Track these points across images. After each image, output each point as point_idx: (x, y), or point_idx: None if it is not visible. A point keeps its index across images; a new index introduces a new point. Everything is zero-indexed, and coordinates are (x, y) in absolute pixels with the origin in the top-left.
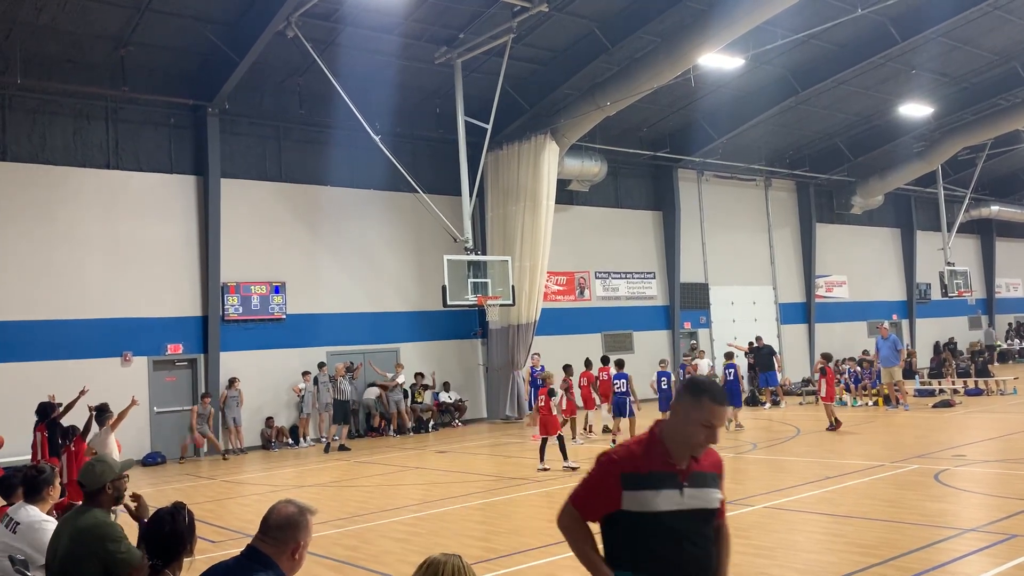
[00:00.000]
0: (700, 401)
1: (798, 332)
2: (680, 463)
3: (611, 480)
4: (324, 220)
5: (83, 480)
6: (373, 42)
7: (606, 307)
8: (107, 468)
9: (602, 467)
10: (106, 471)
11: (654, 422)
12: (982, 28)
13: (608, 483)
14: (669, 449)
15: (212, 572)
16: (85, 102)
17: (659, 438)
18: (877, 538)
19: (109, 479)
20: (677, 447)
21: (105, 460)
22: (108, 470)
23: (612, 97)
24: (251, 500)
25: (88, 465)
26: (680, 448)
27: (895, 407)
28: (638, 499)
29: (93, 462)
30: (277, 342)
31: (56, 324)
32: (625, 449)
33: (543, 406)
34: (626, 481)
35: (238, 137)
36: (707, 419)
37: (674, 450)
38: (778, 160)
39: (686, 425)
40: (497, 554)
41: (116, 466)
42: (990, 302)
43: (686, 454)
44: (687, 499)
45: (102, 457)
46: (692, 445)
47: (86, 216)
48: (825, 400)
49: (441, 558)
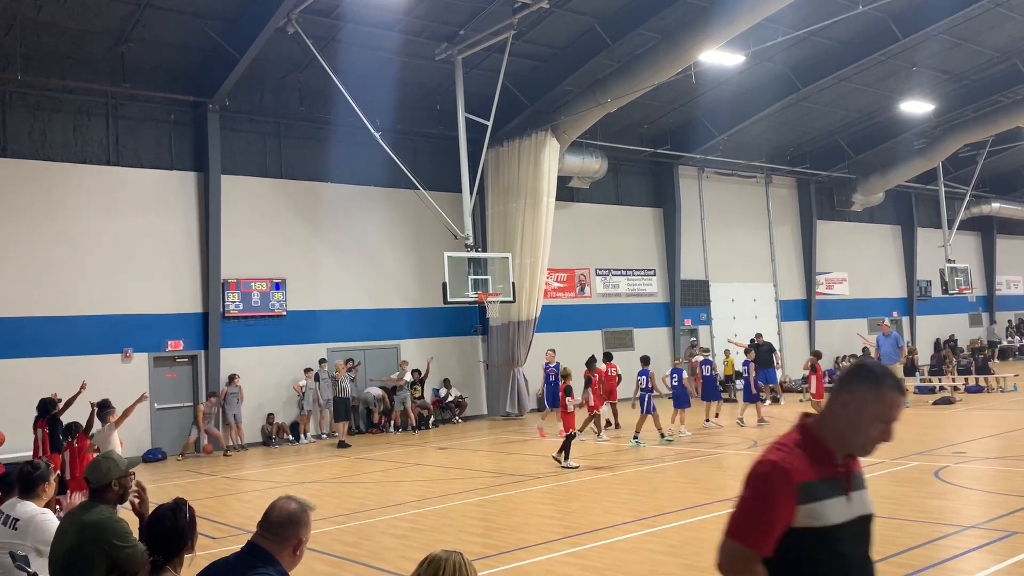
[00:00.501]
0: (880, 392)
1: (798, 329)
2: (841, 464)
3: (786, 494)
4: (324, 216)
5: (89, 476)
6: (373, 38)
7: (606, 304)
8: (113, 465)
9: (771, 480)
10: (112, 468)
11: (801, 417)
12: (983, 25)
13: (783, 499)
14: (831, 449)
15: (213, 568)
16: (85, 98)
17: (817, 436)
18: (877, 535)
19: (115, 476)
20: (841, 445)
21: (112, 457)
22: (114, 467)
23: (613, 94)
24: (251, 496)
25: (95, 461)
26: (844, 446)
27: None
28: (813, 513)
29: (100, 458)
30: (277, 339)
31: (56, 320)
32: (786, 453)
33: (562, 403)
34: (803, 493)
35: (238, 133)
36: (887, 413)
37: (837, 449)
38: (779, 157)
39: (859, 420)
40: (497, 550)
41: (122, 463)
42: (990, 299)
43: (848, 453)
44: (855, 505)
45: (109, 454)
46: (862, 444)
47: (86, 212)
48: (816, 397)
49: (442, 555)
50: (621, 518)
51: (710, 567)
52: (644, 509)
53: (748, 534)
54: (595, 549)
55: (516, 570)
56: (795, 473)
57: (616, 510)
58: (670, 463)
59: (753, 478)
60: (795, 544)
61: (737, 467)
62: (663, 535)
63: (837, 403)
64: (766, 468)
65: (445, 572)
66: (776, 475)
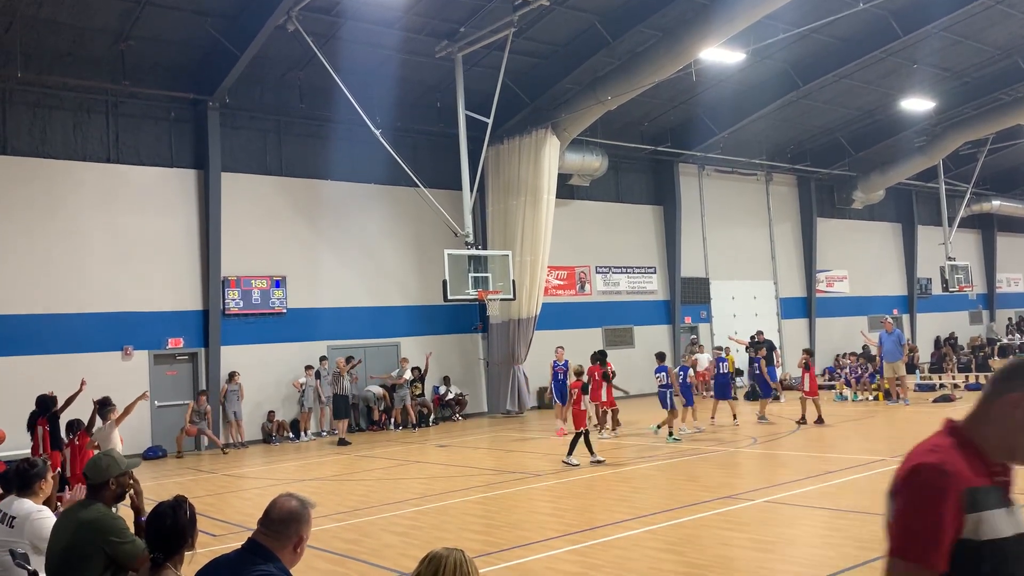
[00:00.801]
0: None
1: (799, 327)
2: (1001, 472)
3: (952, 501)
4: (324, 214)
5: (88, 473)
6: (374, 36)
7: (607, 302)
8: (113, 463)
9: (933, 484)
10: (111, 466)
11: (947, 421)
12: (984, 23)
13: (949, 506)
14: (988, 455)
15: (213, 565)
16: (85, 96)
17: (972, 440)
18: (877, 533)
19: (114, 474)
20: (1002, 452)
21: (112, 455)
22: (114, 465)
23: (613, 91)
24: (252, 494)
25: (95, 459)
26: (1005, 453)
27: (896, 402)
28: (981, 523)
29: (100, 456)
30: (278, 336)
31: (56, 318)
32: (944, 455)
33: (575, 400)
34: (969, 500)
35: (238, 131)
36: None
37: (994, 456)
38: (779, 155)
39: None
40: (498, 547)
41: (122, 463)
42: (991, 297)
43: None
44: (1016, 520)
45: (109, 452)
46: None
47: (86, 210)
48: (809, 395)
49: (443, 552)
50: (621, 515)
51: (709, 564)
52: (644, 506)
53: (917, 550)
54: (595, 546)
55: (516, 567)
56: (960, 477)
57: (616, 507)
58: (670, 461)
59: (911, 485)
60: (966, 559)
61: (736, 465)
62: (663, 532)
63: (1006, 404)
64: (926, 472)
65: (446, 570)
66: (939, 478)
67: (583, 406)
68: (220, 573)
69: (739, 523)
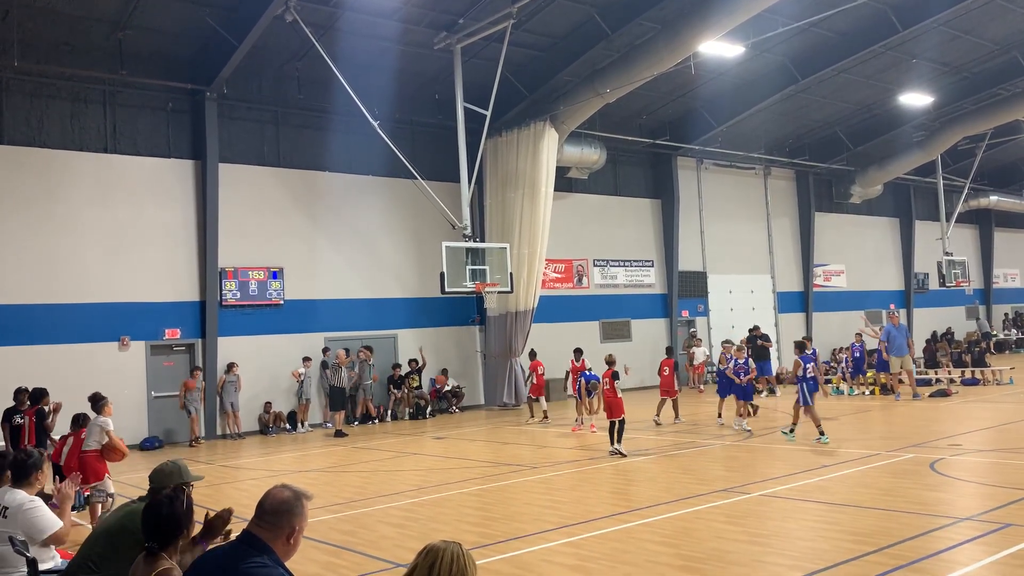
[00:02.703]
0: None
1: (796, 321)
2: None
3: None
4: (322, 206)
5: (152, 477)
6: (372, 27)
7: (604, 295)
8: (177, 472)
9: None
10: (174, 474)
11: None
12: (983, 17)
13: None
14: None
15: (208, 556)
16: (83, 86)
17: None
18: (872, 526)
19: (175, 482)
20: None
21: (180, 464)
22: (176, 474)
23: (612, 84)
24: (248, 485)
25: (162, 465)
26: None
27: (916, 397)
28: None
29: (168, 463)
30: (275, 327)
31: (53, 308)
32: None
33: (608, 388)
34: None
35: (236, 122)
36: None
37: None
38: (777, 149)
39: None
40: (493, 540)
41: (186, 474)
42: (987, 292)
43: None
44: None
45: (178, 461)
46: None
47: (83, 200)
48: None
49: (440, 545)
50: (616, 508)
51: (703, 557)
52: (639, 499)
53: None
54: (590, 539)
55: (512, 559)
56: None
57: (611, 500)
58: (666, 454)
59: None
60: None
61: (731, 458)
62: (658, 525)
63: None
64: None
65: (442, 562)
66: None
67: (618, 394)
68: (214, 565)
69: (734, 516)
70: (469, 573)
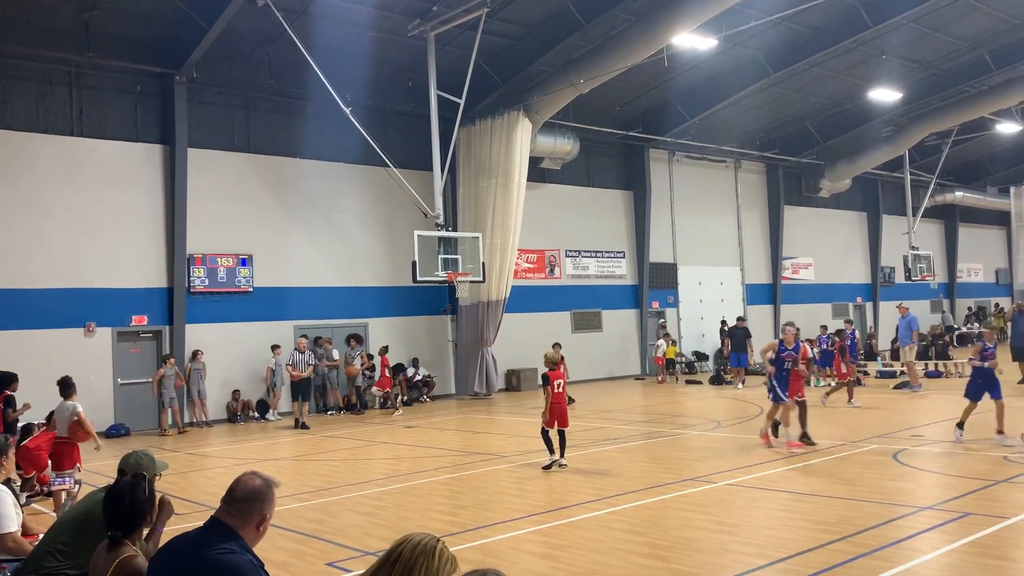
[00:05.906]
0: None
1: (764, 313)
2: None
3: None
4: (293, 193)
5: (122, 464)
6: (345, 12)
7: (575, 285)
8: (148, 463)
9: None
10: (144, 464)
11: None
12: (952, 15)
13: None
14: None
15: (175, 543)
16: (48, 67)
17: None
18: (836, 515)
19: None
20: None
21: (150, 455)
22: (149, 465)
23: (586, 75)
24: (216, 473)
25: (133, 454)
26: None
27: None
28: None
29: (140, 453)
30: (244, 315)
31: (17, 293)
32: None
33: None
34: None
35: (206, 106)
36: None
37: None
38: (748, 142)
39: None
40: (463, 528)
41: (157, 466)
42: (951, 286)
43: None
44: None
45: (147, 451)
46: None
47: (49, 184)
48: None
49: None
50: (584, 496)
51: (670, 545)
52: (607, 488)
53: None
54: (559, 527)
55: (481, 548)
56: None
57: (580, 488)
58: (634, 443)
59: None
60: None
61: (700, 448)
62: (625, 513)
63: None
64: None
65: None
66: None
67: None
68: (181, 551)
69: (701, 505)
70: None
